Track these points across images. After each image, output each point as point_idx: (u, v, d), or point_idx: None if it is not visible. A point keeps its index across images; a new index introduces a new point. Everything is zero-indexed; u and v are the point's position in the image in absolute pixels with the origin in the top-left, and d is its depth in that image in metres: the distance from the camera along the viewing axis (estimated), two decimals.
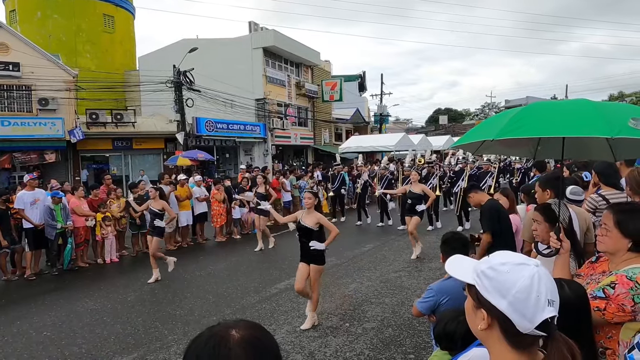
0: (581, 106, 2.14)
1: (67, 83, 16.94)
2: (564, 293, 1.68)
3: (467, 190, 4.85)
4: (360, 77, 36.78)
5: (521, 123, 2.14)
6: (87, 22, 25.47)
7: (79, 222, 8.47)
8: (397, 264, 7.72)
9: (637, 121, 1.89)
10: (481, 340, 1.13)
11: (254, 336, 0.94)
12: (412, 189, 8.19)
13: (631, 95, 49.30)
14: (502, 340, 1.05)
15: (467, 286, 1.13)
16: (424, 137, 24.36)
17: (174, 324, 5.40)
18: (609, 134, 1.87)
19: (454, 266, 1.19)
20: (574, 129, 2.02)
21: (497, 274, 1.04)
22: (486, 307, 1.05)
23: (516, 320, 1.01)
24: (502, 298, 1.01)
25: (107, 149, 18.66)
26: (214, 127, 20.18)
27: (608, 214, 2.00)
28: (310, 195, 5.19)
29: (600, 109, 2.07)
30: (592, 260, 2.20)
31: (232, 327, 0.94)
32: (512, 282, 1.02)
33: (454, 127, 48.10)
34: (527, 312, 1.00)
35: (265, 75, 24.05)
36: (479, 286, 1.06)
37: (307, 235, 5.01)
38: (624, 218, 1.93)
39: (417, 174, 8.08)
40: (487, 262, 1.09)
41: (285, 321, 5.28)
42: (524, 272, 1.03)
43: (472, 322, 1.12)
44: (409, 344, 4.52)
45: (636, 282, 1.77)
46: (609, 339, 1.83)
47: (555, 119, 2.11)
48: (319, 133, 29.41)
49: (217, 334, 0.94)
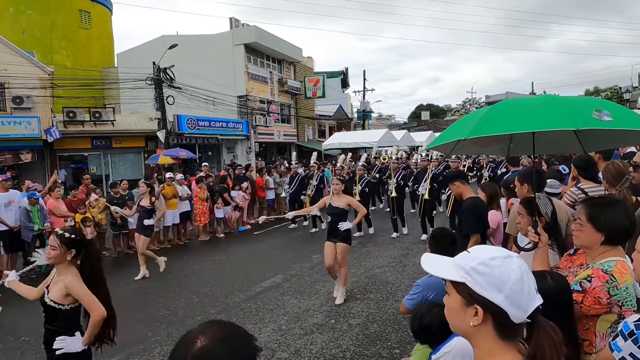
0: (547, 102, 2.23)
1: (42, 80, 16.46)
2: (547, 284, 1.71)
3: (453, 179, 4.45)
4: (342, 73, 36.82)
5: (491, 122, 2.19)
6: (62, 17, 24.76)
7: (57, 224, 8.24)
8: (381, 259, 7.77)
9: (600, 113, 1.94)
10: (467, 336, 1.11)
11: (212, 347, 0.95)
12: (334, 202, 5.81)
13: (606, 90, 50.59)
14: (492, 334, 1.06)
15: (453, 284, 1.10)
16: (406, 133, 24.56)
17: (157, 325, 5.32)
18: (574, 126, 1.92)
19: (432, 264, 1.16)
20: (541, 124, 2.08)
21: (491, 269, 1.04)
22: (481, 303, 1.04)
23: (512, 312, 1.02)
24: (499, 292, 1.02)
25: (85, 148, 18.22)
26: (196, 125, 19.93)
27: (581, 209, 2.04)
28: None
29: (565, 103, 2.13)
30: (570, 253, 2.24)
31: (199, 335, 0.97)
32: (506, 276, 1.03)
33: (436, 123, 48.63)
34: (521, 303, 1.02)
35: (247, 72, 23.85)
36: (471, 283, 1.05)
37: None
38: (596, 212, 1.96)
39: (340, 182, 5.91)
40: (474, 257, 1.08)
41: (271, 319, 5.26)
42: (513, 264, 1.05)
43: (460, 320, 1.09)
44: (395, 339, 4.56)
45: (611, 276, 1.81)
46: (586, 331, 1.87)
47: (523, 115, 2.17)
48: (302, 130, 29.35)
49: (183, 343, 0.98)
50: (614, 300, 1.79)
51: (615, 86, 48.17)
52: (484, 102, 57.12)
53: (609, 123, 1.94)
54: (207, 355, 0.93)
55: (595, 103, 2.05)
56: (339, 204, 5.73)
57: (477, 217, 3.99)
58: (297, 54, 28.17)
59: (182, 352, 0.96)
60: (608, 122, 1.94)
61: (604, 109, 1.96)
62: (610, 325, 1.84)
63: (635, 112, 2.43)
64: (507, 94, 51.45)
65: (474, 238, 3.93)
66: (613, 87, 49.34)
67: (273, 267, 7.63)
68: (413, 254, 7.95)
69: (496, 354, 1.05)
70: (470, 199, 4.17)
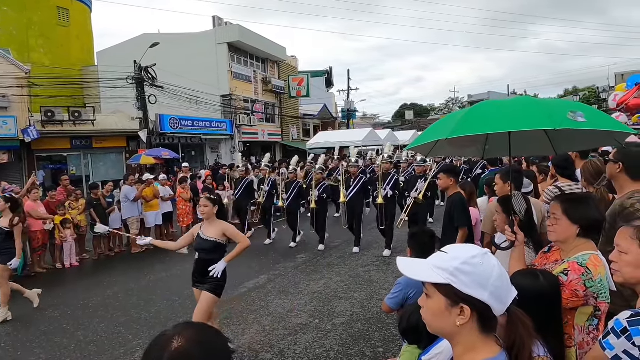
0: (524, 103, 2.29)
1: (19, 79, 16.05)
2: (539, 283, 1.77)
3: (448, 172, 4.40)
4: (327, 72, 36.86)
5: (471, 122, 2.25)
6: (39, 15, 24.14)
7: (36, 226, 8.06)
8: (365, 258, 7.80)
9: (575, 114, 2.03)
10: (450, 336, 1.12)
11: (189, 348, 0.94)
12: (204, 231, 4.09)
13: (584, 90, 51.78)
14: (475, 330, 1.08)
15: (435, 286, 1.10)
16: (390, 132, 24.76)
17: (138, 329, 5.24)
18: (553, 125, 1.98)
19: (410, 268, 1.16)
20: (521, 124, 2.14)
21: (474, 268, 1.06)
22: (468, 301, 1.06)
23: (495, 306, 1.06)
24: (484, 289, 1.05)
25: (65, 148, 17.84)
26: (179, 124, 19.70)
27: (555, 204, 2.12)
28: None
29: (541, 105, 2.21)
30: (544, 251, 2.31)
31: (175, 337, 0.95)
32: (489, 273, 1.06)
33: (420, 122, 49.08)
34: (503, 297, 1.07)
35: (231, 71, 23.67)
36: (457, 283, 1.06)
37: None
38: (571, 206, 2.06)
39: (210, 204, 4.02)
40: (455, 258, 1.08)
41: (255, 320, 5.23)
42: (492, 260, 1.08)
43: (444, 321, 1.10)
44: (378, 338, 4.58)
45: (586, 268, 1.87)
46: (565, 325, 1.92)
47: (503, 116, 2.23)
48: (286, 129, 29.27)
49: (158, 344, 0.96)
50: (590, 292, 1.85)
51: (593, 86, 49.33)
52: (466, 102, 57.91)
53: (584, 124, 2.02)
54: (184, 357, 0.92)
55: (569, 105, 2.13)
56: (210, 234, 3.98)
57: (467, 211, 4.18)
58: (281, 53, 28.09)
59: (157, 354, 0.94)
60: (582, 123, 2.02)
61: (578, 111, 2.05)
62: (588, 318, 1.89)
63: (606, 114, 2.54)
64: (489, 93, 52.28)
65: (464, 230, 4.05)
66: (591, 87, 50.53)
67: (257, 268, 7.59)
68: (397, 252, 7.99)
69: (478, 348, 1.08)
70: (459, 194, 4.30)
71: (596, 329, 1.90)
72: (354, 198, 8.18)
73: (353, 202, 8.21)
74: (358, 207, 8.25)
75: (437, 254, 1.14)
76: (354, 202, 8.21)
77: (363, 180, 8.35)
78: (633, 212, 2.35)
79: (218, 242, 4.07)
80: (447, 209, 4.33)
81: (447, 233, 4.19)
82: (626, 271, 1.56)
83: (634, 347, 1.38)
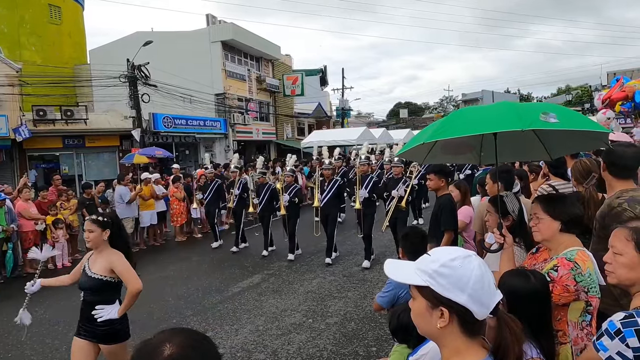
0: (499, 107, 2.35)
1: (9, 78, 15.87)
2: (532, 284, 1.79)
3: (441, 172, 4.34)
4: (321, 71, 36.82)
5: (447, 127, 2.33)
6: (31, 12, 23.88)
7: (27, 226, 8.00)
8: (359, 257, 7.80)
9: (547, 115, 2.05)
10: (435, 338, 1.13)
11: (185, 355, 0.91)
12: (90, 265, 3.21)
13: (577, 88, 52.17)
14: (458, 333, 1.08)
15: (417, 288, 1.12)
16: (384, 131, 24.79)
17: (131, 329, 5.19)
18: (520, 127, 2.03)
19: (395, 271, 1.18)
20: (490, 126, 2.21)
21: (452, 270, 1.06)
22: (446, 304, 1.06)
23: (475, 310, 1.05)
24: (462, 292, 1.04)
25: (57, 147, 17.68)
26: (172, 123, 19.60)
27: (536, 205, 2.19)
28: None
29: (516, 108, 2.26)
30: (532, 252, 2.35)
31: (163, 344, 0.92)
32: (468, 276, 1.05)
33: (414, 121, 49.25)
34: (484, 300, 1.05)
35: (225, 69, 23.57)
36: (435, 286, 1.07)
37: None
38: (550, 203, 2.14)
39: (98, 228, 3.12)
40: (434, 260, 1.10)
41: (248, 320, 5.22)
42: (473, 263, 1.07)
43: (427, 323, 1.11)
44: (371, 337, 4.59)
45: (575, 263, 1.92)
46: (559, 321, 1.95)
47: (476, 120, 2.33)
48: (281, 128, 29.21)
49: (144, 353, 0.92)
50: (581, 287, 1.89)
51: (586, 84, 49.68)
52: (460, 100, 58.11)
53: (555, 124, 2.06)
54: None
55: (544, 107, 2.19)
56: (96, 269, 3.12)
57: (454, 213, 4.16)
58: (276, 52, 28.00)
59: None
60: (554, 124, 2.05)
61: (550, 112, 2.08)
62: (581, 314, 1.93)
63: (582, 115, 2.60)
64: (482, 92, 52.51)
65: (449, 234, 4.04)
66: (584, 85, 50.89)
67: (251, 267, 7.58)
68: (391, 251, 8.01)
69: (462, 352, 1.08)
70: (448, 195, 4.29)
71: (589, 324, 1.94)
72: (328, 202, 7.63)
73: (327, 207, 7.65)
74: (332, 212, 7.72)
75: (423, 257, 1.14)
76: (328, 207, 7.65)
77: (338, 184, 7.79)
78: (621, 211, 2.37)
79: (105, 280, 3.09)
80: (435, 210, 4.26)
81: (433, 234, 4.14)
82: (620, 273, 1.57)
83: (627, 348, 1.39)
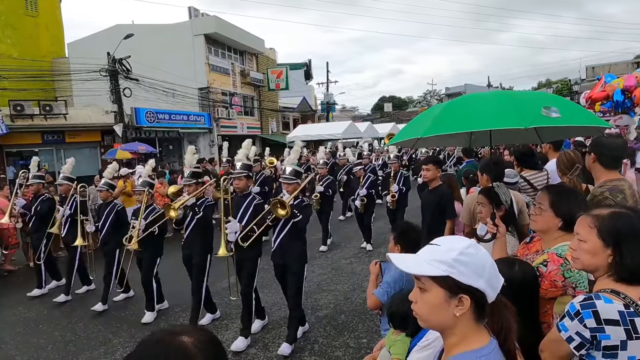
0: (497, 99, 2.30)
1: None
2: (512, 271, 1.81)
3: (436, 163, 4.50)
4: (306, 65, 36.66)
5: (445, 120, 2.28)
6: (5, 4, 23.10)
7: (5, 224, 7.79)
8: (347, 250, 7.84)
9: (549, 110, 2.01)
10: (448, 327, 1.13)
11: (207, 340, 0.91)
12: None
13: (557, 82, 53.10)
14: (471, 319, 1.11)
15: (433, 279, 1.10)
16: (370, 125, 24.87)
17: (118, 327, 5.14)
18: (522, 125, 1.97)
19: (405, 262, 1.16)
20: (490, 123, 2.16)
21: (471, 258, 1.09)
22: (467, 291, 1.09)
23: (489, 293, 1.10)
24: (480, 278, 1.08)
25: (36, 143, 17.21)
26: (155, 118, 19.28)
27: (544, 195, 2.14)
28: None
29: (515, 100, 2.19)
30: (526, 241, 2.36)
31: (179, 334, 0.90)
32: (484, 261, 1.10)
33: (399, 114, 49.50)
34: (495, 284, 1.11)
35: (208, 63, 23.27)
36: (456, 274, 1.08)
37: None
38: (559, 199, 2.08)
39: None
40: (451, 249, 1.10)
41: (237, 315, 5.19)
42: (483, 249, 1.13)
43: (442, 314, 1.11)
44: (362, 329, 4.62)
45: (565, 259, 1.92)
46: (545, 314, 1.97)
47: (475, 114, 2.25)
48: (266, 122, 29.03)
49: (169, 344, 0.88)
50: (569, 283, 1.90)
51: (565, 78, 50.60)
52: (444, 94, 58.64)
53: (557, 120, 2.02)
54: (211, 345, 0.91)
55: (545, 99, 2.12)
56: None
57: (452, 202, 4.28)
58: (260, 45, 27.75)
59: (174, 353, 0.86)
60: (556, 119, 2.01)
61: (552, 106, 2.03)
62: None
63: (582, 108, 2.56)
64: (466, 86, 52.99)
65: (452, 222, 4.17)
66: (564, 79, 51.84)
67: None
68: (378, 244, 8.06)
69: (469, 337, 1.11)
70: (446, 185, 4.37)
71: None
72: (322, 198, 8.17)
73: (322, 202, 8.20)
74: (326, 206, 8.27)
75: (428, 248, 1.14)
76: (323, 202, 8.21)
77: (330, 180, 8.35)
78: (602, 200, 2.40)
79: None
80: (436, 200, 4.34)
81: (435, 225, 4.25)
82: (584, 258, 1.59)
83: (585, 328, 1.44)
